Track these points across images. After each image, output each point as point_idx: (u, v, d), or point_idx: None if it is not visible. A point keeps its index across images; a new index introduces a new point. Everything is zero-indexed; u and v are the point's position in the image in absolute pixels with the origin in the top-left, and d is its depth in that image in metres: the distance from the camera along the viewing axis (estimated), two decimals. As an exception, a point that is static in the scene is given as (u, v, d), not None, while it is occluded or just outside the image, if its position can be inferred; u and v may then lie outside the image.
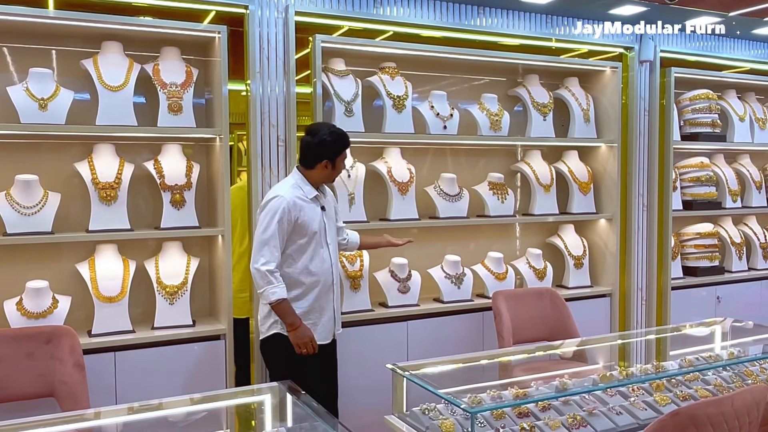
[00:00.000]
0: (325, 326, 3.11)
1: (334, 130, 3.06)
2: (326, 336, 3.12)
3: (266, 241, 2.91)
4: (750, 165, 5.28)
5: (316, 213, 3.05)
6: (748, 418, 1.97)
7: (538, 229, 4.56)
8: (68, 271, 3.25)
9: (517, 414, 2.57)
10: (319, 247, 3.06)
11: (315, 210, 3.05)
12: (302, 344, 2.95)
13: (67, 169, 3.25)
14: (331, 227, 3.15)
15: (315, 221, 3.03)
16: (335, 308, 3.15)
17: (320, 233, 3.06)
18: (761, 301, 5.07)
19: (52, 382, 2.83)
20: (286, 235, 2.97)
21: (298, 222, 2.98)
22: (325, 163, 3.04)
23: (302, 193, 3.02)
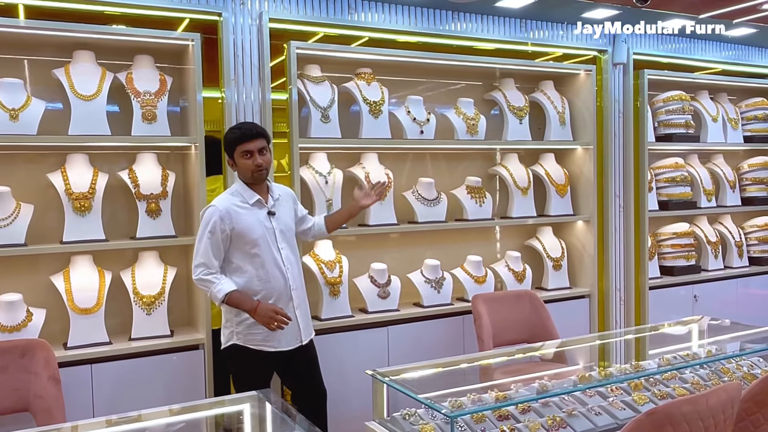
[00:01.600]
0: (287, 334, 2.97)
1: (230, 128, 3.03)
2: (289, 342, 2.99)
3: (198, 250, 2.87)
4: (724, 165, 5.36)
5: (258, 218, 2.93)
6: (723, 415, 1.99)
7: (517, 231, 4.59)
8: (43, 284, 3.21)
9: (497, 417, 2.58)
10: (268, 253, 2.93)
11: (256, 215, 2.93)
12: (270, 320, 2.83)
13: (40, 180, 3.21)
14: (285, 232, 3.02)
15: (256, 228, 2.91)
16: (298, 315, 3.01)
17: (266, 239, 2.93)
18: (737, 299, 5.14)
19: (27, 397, 2.79)
20: (223, 245, 2.88)
21: (235, 230, 2.88)
22: (230, 162, 2.99)
23: (241, 199, 2.93)
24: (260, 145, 2.92)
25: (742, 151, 5.57)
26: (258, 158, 2.90)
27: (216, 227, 2.85)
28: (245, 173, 2.93)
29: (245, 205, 2.92)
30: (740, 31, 4.98)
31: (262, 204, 2.97)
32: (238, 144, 2.91)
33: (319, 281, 3.63)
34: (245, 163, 2.91)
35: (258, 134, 2.93)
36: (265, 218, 2.96)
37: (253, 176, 2.92)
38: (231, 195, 2.95)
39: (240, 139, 2.91)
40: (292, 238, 3.08)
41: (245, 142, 2.90)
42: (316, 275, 3.63)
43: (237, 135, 2.92)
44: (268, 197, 3.00)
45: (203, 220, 2.89)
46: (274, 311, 2.84)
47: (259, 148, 2.91)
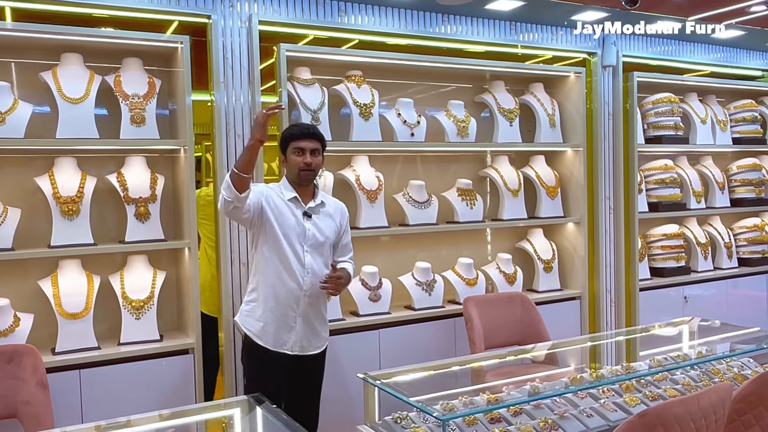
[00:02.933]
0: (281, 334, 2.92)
1: (289, 126, 3.08)
2: (284, 345, 2.93)
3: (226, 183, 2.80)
4: (713, 166, 5.38)
5: (292, 214, 2.92)
6: (714, 416, 1.99)
7: (508, 234, 4.59)
8: (30, 288, 3.18)
9: (489, 420, 2.57)
10: (292, 252, 2.89)
11: (290, 211, 2.93)
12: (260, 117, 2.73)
13: (28, 183, 3.18)
14: (317, 237, 2.95)
15: (286, 220, 2.90)
16: (298, 323, 2.94)
17: (294, 235, 2.90)
18: (726, 300, 5.16)
19: (14, 403, 2.75)
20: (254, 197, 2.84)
21: (268, 211, 2.88)
22: (281, 158, 3.03)
23: (279, 192, 2.96)
24: (314, 146, 2.94)
25: (730, 152, 5.60)
26: (308, 157, 2.92)
27: (258, 190, 2.89)
28: (293, 170, 2.95)
29: (281, 197, 2.94)
30: (728, 34, 5.01)
31: (298, 202, 2.96)
32: (293, 140, 2.94)
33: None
34: (295, 160, 2.93)
35: (314, 135, 2.96)
36: (300, 217, 2.94)
37: (299, 174, 2.93)
38: (274, 186, 3.00)
39: (296, 136, 2.94)
40: (324, 249, 2.99)
41: (300, 140, 2.93)
42: (306, 278, 3.62)
43: (294, 131, 2.96)
44: (311, 200, 2.99)
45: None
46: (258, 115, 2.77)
47: (311, 149, 2.93)
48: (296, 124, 3.06)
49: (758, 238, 5.42)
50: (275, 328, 2.92)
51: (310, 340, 2.99)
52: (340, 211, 3.11)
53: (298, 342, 2.95)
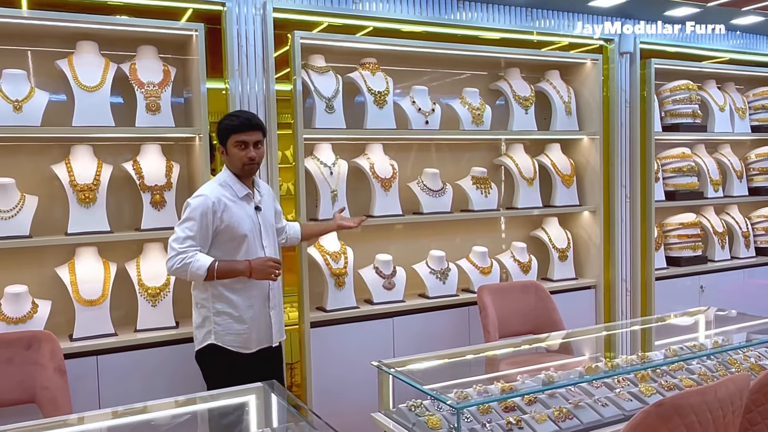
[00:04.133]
0: (259, 334, 2.91)
1: (227, 115, 2.93)
2: (260, 342, 2.92)
3: (178, 238, 2.73)
4: (731, 154, 5.32)
5: (246, 213, 2.84)
6: (731, 406, 1.97)
7: (522, 222, 4.57)
8: (48, 275, 3.21)
9: (503, 408, 2.57)
10: (251, 252, 2.84)
11: (245, 210, 2.84)
12: (267, 272, 2.76)
13: (45, 171, 3.20)
14: (269, 229, 2.95)
15: (244, 222, 2.82)
16: (272, 316, 2.93)
17: (253, 235, 2.85)
18: (743, 289, 5.11)
19: (33, 388, 2.79)
20: (207, 239, 2.77)
21: (224, 224, 2.77)
22: (221, 149, 2.88)
23: (231, 192, 2.82)
24: (256, 138, 2.83)
25: (749, 140, 5.53)
26: (252, 151, 2.81)
27: (206, 219, 2.74)
28: (236, 164, 2.84)
29: (234, 198, 2.83)
30: (748, 20, 4.93)
31: (250, 198, 2.88)
32: (234, 133, 2.81)
33: (324, 272, 3.62)
34: (238, 154, 2.81)
35: (256, 126, 2.84)
36: (253, 213, 2.88)
37: (243, 169, 2.83)
38: (220, 185, 2.84)
39: (237, 128, 2.81)
40: (274, 235, 3.01)
41: (241, 132, 2.80)
42: (321, 266, 3.63)
43: (235, 124, 2.81)
44: (254, 191, 2.93)
45: (190, 209, 2.76)
46: (268, 260, 2.79)
47: (254, 141, 2.83)
48: (235, 114, 2.89)
49: (776, 227, 5.36)
50: (257, 330, 2.90)
51: (279, 329, 3.01)
52: (272, 195, 3.10)
53: (269, 335, 2.95)
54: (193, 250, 2.74)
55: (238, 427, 2.47)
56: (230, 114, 2.91)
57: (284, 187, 5.53)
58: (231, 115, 2.88)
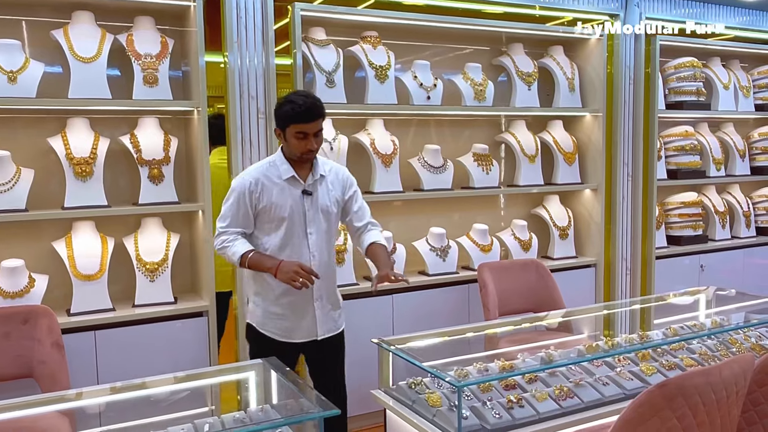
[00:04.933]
0: (301, 325, 2.75)
1: (289, 98, 2.61)
2: (302, 335, 2.76)
3: (222, 217, 2.69)
4: (734, 133, 5.28)
5: (290, 196, 2.66)
6: (735, 387, 1.96)
7: (523, 200, 4.54)
8: (45, 250, 3.18)
9: (503, 386, 2.56)
10: (294, 237, 2.67)
11: (289, 192, 2.66)
12: (292, 279, 2.53)
13: (41, 144, 3.16)
14: (319, 216, 2.72)
15: (284, 205, 2.65)
16: (316, 308, 2.75)
17: (294, 220, 2.66)
18: (743, 269, 5.11)
19: (30, 363, 2.78)
20: (248, 219, 2.67)
21: (262, 205, 2.64)
22: (278, 131, 2.67)
23: (276, 173, 2.67)
24: (318, 127, 2.60)
25: (752, 119, 5.48)
26: (312, 142, 2.59)
27: (243, 199, 2.64)
28: (293, 152, 2.63)
29: (278, 180, 2.65)
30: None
31: (296, 181, 2.67)
32: (296, 122, 2.57)
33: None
34: (296, 144, 2.59)
35: (318, 115, 2.59)
36: (299, 197, 2.67)
37: (301, 157, 2.64)
38: (268, 165, 2.69)
39: (299, 117, 2.56)
40: (328, 223, 2.75)
41: (304, 123, 2.56)
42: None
43: (298, 112, 2.55)
44: (309, 175, 2.70)
45: (231, 189, 2.69)
46: (298, 266, 2.55)
47: (315, 131, 2.60)
48: (297, 102, 2.57)
49: (778, 207, 5.34)
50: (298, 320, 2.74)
51: (325, 321, 2.81)
52: (341, 180, 2.82)
53: (313, 329, 2.78)
54: (233, 230, 2.67)
55: (237, 403, 2.46)
56: (291, 98, 2.59)
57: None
58: (292, 101, 2.58)
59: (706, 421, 1.90)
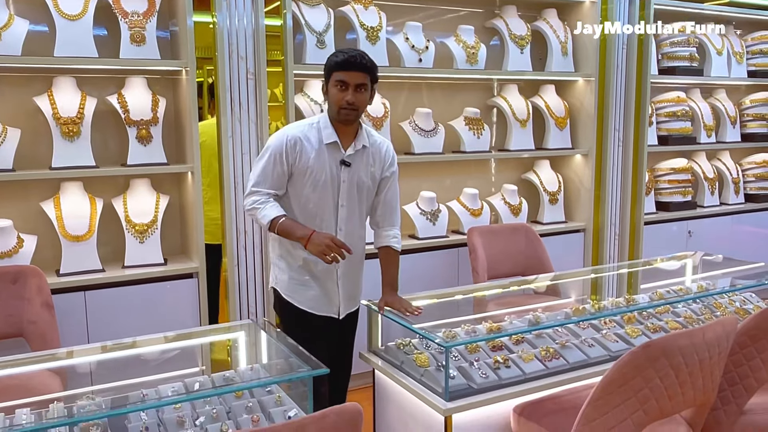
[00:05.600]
0: (324, 299, 2.62)
1: (336, 50, 2.54)
2: (323, 309, 2.62)
3: (253, 175, 2.54)
4: (726, 100, 5.27)
5: (327, 163, 2.49)
6: (718, 348, 1.99)
7: (514, 165, 4.53)
8: (33, 210, 3.16)
9: (491, 347, 2.59)
10: (324, 207, 2.52)
11: (326, 159, 2.48)
12: (323, 252, 2.38)
13: (27, 103, 3.11)
14: (354, 191, 2.55)
15: (321, 171, 2.48)
16: (339, 286, 2.63)
17: (328, 190, 2.50)
18: (731, 235, 5.15)
19: (20, 323, 2.78)
20: (282, 178, 2.50)
21: (298, 168, 2.48)
22: (324, 88, 2.50)
23: (318, 136, 2.49)
24: (360, 80, 2.42)
25: (744, 86, 5.47)
26: (350, 94, 2.41)
27: (278, 158, 2.47)
28: (332, 107, 2.46)
29: (318, 144, 2.48)
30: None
31: (338, 148, 2.50)
32: (336, 70, 2.42)
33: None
34: (335, 95, 2.43)
35: (362, 66, 2.42)
36: (336, 166, 2.51)
37: (339, 113, 2.44)
38: (309, 126, 2.52)
39: (340, 65, 2.41)
40: (360, 197, 2.59)
41: (344, 70, 2.41)
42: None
43: (339, 60, 2.42)
44: (351, 144, 2.53)
45: (266, 145, 2.53)
46: (330, 239, 2.41)
47: (357, 83, 2.42)
48: (343, 50, 2.46)
49: (766, 174, 5.36)
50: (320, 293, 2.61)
51: (348, 300, 2.69)
52: (383, 155, 2.63)
53: (336, 306, 2.66)
54: (265, 191, 2.51)
55: (227, 363, 2.48)
56: (338, 50, 2.49)
57: (273, 126, 5.43)
58: (338, 51, 2.48)
59: (688, 381, 1.94)
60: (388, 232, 2.71)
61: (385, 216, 2.70)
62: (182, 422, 1.98)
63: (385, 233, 2.71)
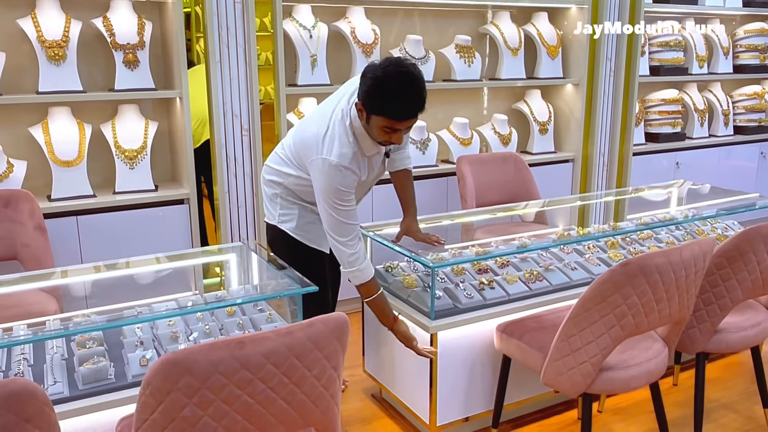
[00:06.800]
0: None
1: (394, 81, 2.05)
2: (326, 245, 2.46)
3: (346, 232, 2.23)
4: (720, 30, 5.21)
5: (373, 169, 2.37)
6: (694, 267, 2.06)
7: (505, 94, 4.51)
8: (21, 136, 3.15)
9: (477, 270, 2.66)
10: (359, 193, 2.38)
11: (373, 166, 2.35)
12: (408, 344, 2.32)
13: (10, 26, 3.05)
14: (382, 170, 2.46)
15: (370, 176, 2.36)
16: None
17: (371, 179, 2.42)
18: (719, 167, 5.20)
19: (14, 245, 2.82)
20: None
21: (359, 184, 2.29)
22: (359, 106, 2.15)
23: (361, 151, 2.24)
24: (412, 123, 2.17)
25: (739, 16, 5.41)
26: (400, 138, 2.16)
27: (351, 194, 2.21)
28: (373, 137, 2.19)
29: (362, 157, 2.26)
30: None
31: (379, 149, 2.32)
32: (391, 117, 2.08)
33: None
34: (381, 135, 2.14)
35: (416, 115, 2.12)
36: (379, 163, 2.38)
37: (380, 144, 2.23)
38: (353, 149, 2.20)
39: (397, 113, 2.07)
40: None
41: (400, 121, 2.10)
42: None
43: (396, 109, 2.07)
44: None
45: (329, 186, 2.16)
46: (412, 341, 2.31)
47: (407, 127, 2.17)
48: (403, 95, 2.05)
49: (757, 106, 5.36)
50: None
51: None
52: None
53: None
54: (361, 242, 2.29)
55: (219, 283, 2.54)
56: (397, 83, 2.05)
57: (263, 56, 5.36)
58: (398, 93, 2.05)
59: (665, 298, 2.01)
60: (401, 155, 2.61)
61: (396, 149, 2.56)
62: (176, 337, 2.05)
63: (399, 157, 2.60)
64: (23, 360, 1.92)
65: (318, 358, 1.47)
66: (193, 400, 1.35)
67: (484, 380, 2.51)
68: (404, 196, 2.68)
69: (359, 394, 2.93)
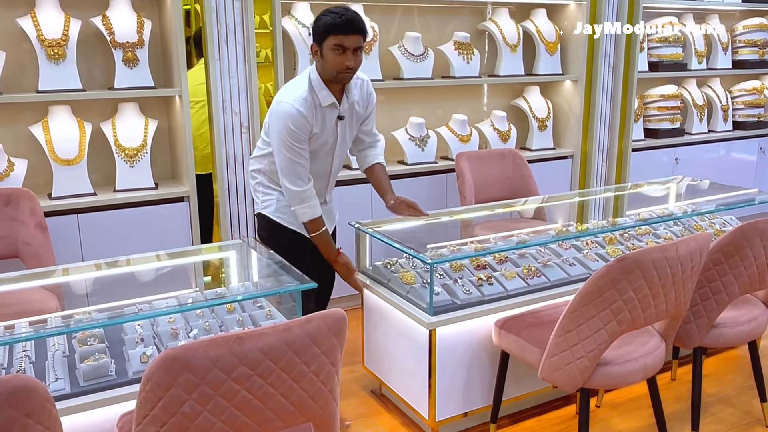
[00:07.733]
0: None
1: (329, 9, 2.38)
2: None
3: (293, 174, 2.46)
4: (718, 25, 5.22)
5: (328, 123, 2.50)
6: (690, 263, 2.07)
7: (504, 90, 4.52)
8: (22, 134, 3.16)
9: (475, 266, 2.68)
10: (321, 161, 2.57)
11: (327, 119, 2.49)
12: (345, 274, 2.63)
13: (10, 26, 3.07)
14: (345, 139, 2.62)
15: (324, 133, 2.50)
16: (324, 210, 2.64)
17: (327, 146, 2.55)
18: (718, 162, 5.21)
19: (15, 244, 2.83)
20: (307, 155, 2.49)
21: (312, 136, 2.47)
22: (314, 47, 2.42)
23: (316, 100, 2.45)
24: (357, 43, 2.37)
25: (738, 11, 5.41)
26: (351, 58, 2.37)
27: (302, 137, 2.42)
28: (329, 70, 2.39)
29: (319, 107, 2.46)
30: None
31: (335, 107, 2.50)
32: (334, 33, 2.34)
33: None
34: (334, 59, 2.36)
35: (359, 30, 2.36)
36: (334, 124, 2.53)
37: (337, 77, 2.40)
38: (308, 93, 2.43)
39: (338, 28, 2.33)
40: (349, 142, 2.69)
41: (343, 35, 2.33)
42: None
43: (336, 22, 2.33)
44: (343, 98, 2.52)
45: (284, 125, 2.40)
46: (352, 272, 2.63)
47: (355, 47, 2.37)
48: (339, 12, 2.35)
49: (756, 101, 5.37)
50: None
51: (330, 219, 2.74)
52: (365, 96, 2.65)
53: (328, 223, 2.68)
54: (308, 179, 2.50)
55: (219, 280, 2.55)
56: (330, 10, 2.38)
57: (262, 53, 5.35)
58: (332, 11, 2.37)
59: (661, 293, 2.03)
60: (372, 151, 2.81)
61: (367, 141, 2.79)
62: (176, 334, 2.06)
63: (371, 153, 2.80)
64: (25, 357, 1.94)
65: (316, 354, 1.48)
66: (192, 395, 1.37)
67: (482, 376, 2.53)
68: (380, 187, 2.80)
69: (359, 390, 2.95)
